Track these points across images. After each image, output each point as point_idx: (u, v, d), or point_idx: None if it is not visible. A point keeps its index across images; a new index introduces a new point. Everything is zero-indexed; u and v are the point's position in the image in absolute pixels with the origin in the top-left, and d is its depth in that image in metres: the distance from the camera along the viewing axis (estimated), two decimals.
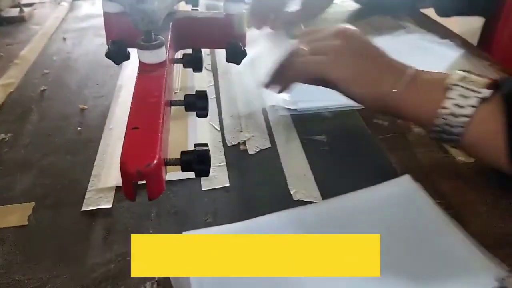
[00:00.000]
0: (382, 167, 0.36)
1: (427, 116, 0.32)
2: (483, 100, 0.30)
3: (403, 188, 0.32)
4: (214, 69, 0.53)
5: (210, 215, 0.32)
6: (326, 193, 0.33)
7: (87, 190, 0.34)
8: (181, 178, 0.35)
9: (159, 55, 0.33)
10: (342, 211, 0.31)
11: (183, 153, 0.28)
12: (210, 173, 0.35)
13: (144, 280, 0.27)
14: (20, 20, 0.70)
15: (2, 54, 0.59)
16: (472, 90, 0.31)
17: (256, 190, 0.34)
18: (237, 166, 0.37)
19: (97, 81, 0.51)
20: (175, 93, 0.49)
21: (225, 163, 0.37)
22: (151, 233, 0.31)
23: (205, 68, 0.53)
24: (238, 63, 0.44)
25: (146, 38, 0.33)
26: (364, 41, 0.37)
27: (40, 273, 0.28)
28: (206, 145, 0.28)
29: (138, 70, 0.34)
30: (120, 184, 0.34)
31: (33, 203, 0.33)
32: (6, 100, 0.48)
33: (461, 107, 0.30)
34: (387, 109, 0.35)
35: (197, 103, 0.34)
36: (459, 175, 0.35)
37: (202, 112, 0.35)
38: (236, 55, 0.44)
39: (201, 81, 0.51)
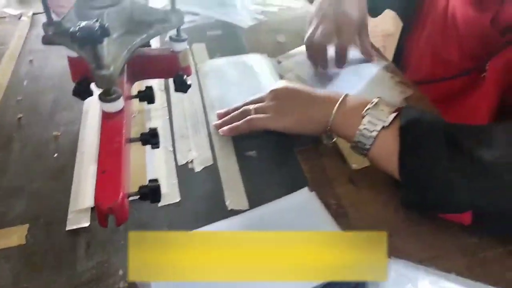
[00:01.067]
0: (296, 177, 0.47)
1: (350, 135, 0.44)
2: (384, 127, 0.42)
3: (302, 198, 0.44)
4: (167, 90, 0.62)
5: (166, 227, 0.43)
6: (254, 202, 0.44)
7: (69, 211, 0.44)
8: None
9: (117, 105, 0.43)
10: (257, 220, 0.42)
11: (140, 187, 0.38)
12: (165, 191, 0.46)
13: (119, 279, 0.38)
14: None
15: None
16: (378, 119, 0.42)
17: (202, 203, 0.45)
18: (186, 182, 0.47)
19: (65, 106, 0.59)
20: (133, 116, 0.58)
21: (177, 181, 0.47)
22: (122, 244, 0.41)
23: (159, 89, 0.62)
24: (184, 92, 0.54)
25: (106, 93, 0.42)
26: (295, 91, 0.50)
27: (43, 280, 0.38)
28: (156, 180, 0.39)
29: (102, 116, 0.43)
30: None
31: (27, 225, 0.43)
32: None
33: (370, 131, 0.42)
34: (326, 132, 0.47)
35: (150, 140, 0.44)
36: (352, 180, 0.47)
37: (155, 146, 0.45)
38: (182, 86, 0.53)
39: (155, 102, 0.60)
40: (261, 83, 0.63)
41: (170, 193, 0.46)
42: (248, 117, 0.51)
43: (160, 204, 0.45)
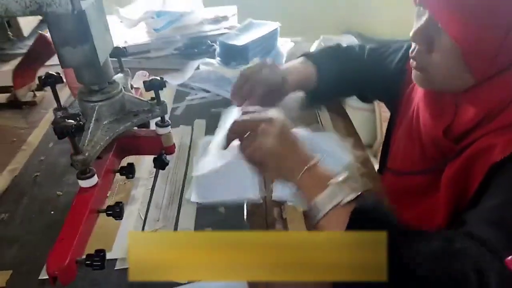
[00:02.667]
0: None
1: (308, 199, 0.48)
2: (338, 204, 0.45)
3: None
4: None
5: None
6: None
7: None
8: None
9: (91, 182, 0.53)
10: None
11: (87, 256, 0.47)
12: (124, 255, 0.55)
13: None
14: (32, 104, 0.92)
15: (15, 139, 0.81)
16: (336, 196, 0.45)
17: None
18: None
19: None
20: (116, 186, 0.68)
21: None
22: None
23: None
24: (162, 169, 0.64)
25: (83, 172, 0.52)
26: (281, 134, 0.53)
27: None
28: (102, 251, 0.47)
29: (78, 190, 0.53)
30: None
31: (11, 271, 0.53)
32: (10, 184, 0.69)
33: (325, 204, 0.46)
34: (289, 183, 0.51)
35: (113, 213, 0.53)
36: None
37: (118, 219, 0.54)
38: (161, 164, 0.63)
39: (145, 171, 0.71)
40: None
41: (124, 258, 0.54)
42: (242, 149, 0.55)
43: (116, 267, 0.53)
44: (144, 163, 0.72)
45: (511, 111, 0.53)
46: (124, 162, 0.62)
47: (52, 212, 0.63)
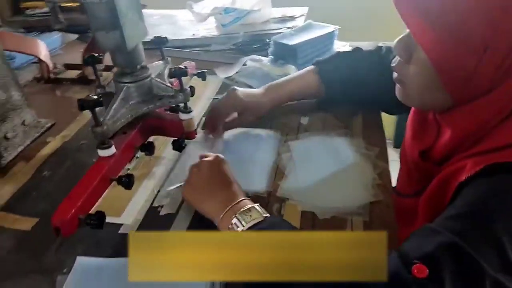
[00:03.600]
0: None
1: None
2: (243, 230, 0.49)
3: None
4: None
5: (111, 249, 0.56)
6: None
7: None
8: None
9: (108, 152, 0.60)
10: None
11: (88, 215, 0.53)
12: (129, 222, 0.61)
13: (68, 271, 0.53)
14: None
15: (74, 110, 0.93)
16: (241, 222, 0.50)
17: None
18: (148, 221, 0.61)
19: None
20: (136, 157, 0.74)
21: (141, 218, 0.61)
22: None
23: None
24: (179, 151, 0.69)
25: (101, 143, 0.59)
26: (214, 173, 0.59)
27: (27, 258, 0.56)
28: (101, 213, 0.53)
29: (97, 159, 0.61)
30: None
31: (38, 219, 0.62)
32: (59, 148, 0.80)
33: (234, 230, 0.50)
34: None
35: (122, 183, 0.59)
36: None
37: (127, 188, 0.60)
38: (178, 147, 0.68)
39: (170, 152, 0.76)
40: (260, 156, 0.74)
41: (129, 225, 0.60)
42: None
43: (120, 231, 0.59)
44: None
45: (492, 137, 0.49)
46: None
47: None
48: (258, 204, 0.53)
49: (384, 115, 0.85)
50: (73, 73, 1.09)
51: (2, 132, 0.77)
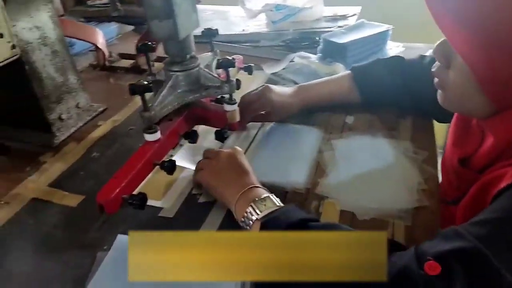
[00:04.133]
0: None
1: (239, 220, 0.53)
2: (257, 219, 0.50)
3: None
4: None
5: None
6: None
7: None
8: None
9: (153, 137, 0.61)
10: None
11: (131, 195, 0.55)
12: (167, 206, 0.62)
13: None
14: None
15: (126, 97, 0.96)
16: (256, 211, 0.51)
17: (182, 226, 0.59)
18: (186, 207, 0.62)
19: None
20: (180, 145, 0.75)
21: (180, 203, 0.63)
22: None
23: None
24: (221, 141, 0.70)
25: (148, 128, 0.61)
26: (232, 163, 0.60)
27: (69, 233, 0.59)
28: (143, 194, 0.55)
29: (143, 143, 0.62)
30: None
31: (84, 196, 0.65)
32: (109, 132, 0.83)
33: (249, 219, 0.51)
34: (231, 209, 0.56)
35: (165, 168, 0.61)
36: None
37: (169, 173, 0.61)
38: (220, 137, 0.69)
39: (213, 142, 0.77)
40: (300, 152, 0.73)
41: (168, 209, 0.62)
42: (194, 173, 0.64)
43: (159, 214, 0.61)
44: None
45: None
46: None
47: None
48: (273, 194, 0.54)
49: (436, 124, 0.82)
50: (127, 63, 1.14)
51: (57, 113, 0.81)
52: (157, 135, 0.62)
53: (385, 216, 0.57)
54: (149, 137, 0.61)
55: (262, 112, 0.79)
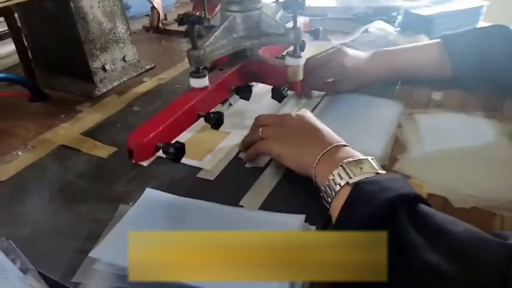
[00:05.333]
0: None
1: (320, 184, 0.42)
2: (348, 183, 0.38)
3: (287, 222, 0.41)
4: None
5: (183, 192, 0.48)
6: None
7: None
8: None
9: (200, 83, 0.51)
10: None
11: (166, 143, 0.45)
12: (209, 167, 0.52)
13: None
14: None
15: (176, 58, 0.88)
16: (347, 173, 0.38)
17: (224, 192, 0.48)
18: (231, 171, 0.51)
19: None
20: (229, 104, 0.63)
21: (224, 166, 0.52)
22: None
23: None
24: (279, 101, 0.58)
25: (195, 71, 0.51)
26: (304, 124, 0.48)
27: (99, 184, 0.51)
28: (180, 143, 0.45)
29: (188, 89, 0.53)
30: None
31: (116, 148, 0.57)
32: (154, 88, 0.75)
33: (335, 183, 0.39)
34: (310, 177, 0.44)
35: (210, 120, 0.50)
36: None
37: (214, 127, 0.51)
38: (278, 96, 0.57)
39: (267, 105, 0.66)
40: (374, 125, 0.60)
41: (211, 171, 0.51)
42: (254, 145, 0.51)
43: (198, 175, 0.51)
44: None
45: None
46: None
47: None
48: (373, 158, 0.41)
49: None
50: (182, 27, 1.06)
51: (101, 62, 0.74)
52: (204, 82, 0.52)
53: (489, 206, 0.43)
54: (195, 82, 0.51)
55: (329, 80, 0.67)
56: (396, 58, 0.68)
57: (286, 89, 0.57)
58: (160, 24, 1.06)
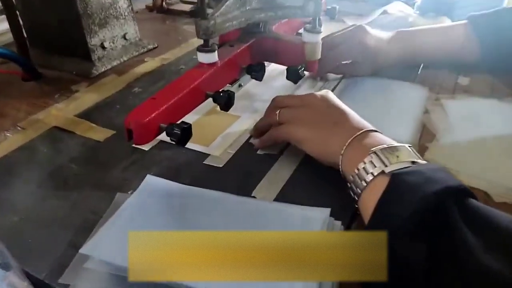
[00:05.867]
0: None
1: (349, 173, 0.36)
2: (383, 172, 0.32)
3: (311, 216, 0.36)
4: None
5: (188, 179, 0.43)
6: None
7: None
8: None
9: (208, 58, 0.46)
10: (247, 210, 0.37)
11: (169, 123, 0.40)
12: (218, 154, 0.47)
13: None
14: None
15: (180, 38, 0.82)
16: (382, 161, 0.33)
17: (234, 180, 0.43)
18: (241, 157, 0.46)
19: None
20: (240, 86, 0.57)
21: (233, 152, 0.47)
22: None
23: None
24: (294, 82, 0.53)
25: (204, 45, 0.46)
26: (330, 105, 0.43)
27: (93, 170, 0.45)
28: (187, 124, 0.39)
29: (196, 65, 0.47)
30: None
31: (115, 131, 0.51)
32: (156, 69, 0.69)
33: (367, 172, 0.33)
34: (335, 166, 0.39)
35: (219, 100, 0.45)
36: None
37: (223, 108, 0.45)
38: (293, 76, 0.52)
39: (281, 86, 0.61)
40: (399, 109, 0.55)
41: (220, 158, 0.46)
42: (271, 130, 0.46)
43: (205, 162, 0.46)
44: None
45: None
46: None
47: None
48: (402, 144, 0.35)
49: None
50: (187, 7, 1.00)
51: (100, 39, 0.68)
52: (213, 57, 0.46)
53: None
54: (203, 57, 0.46)
55: (346, 62, 0.62)
56: (421, 38, 0.63)
57: (302, 68, 0.52)
58: (164, 4, 1.00)
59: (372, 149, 0.34)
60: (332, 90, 0.60)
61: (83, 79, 0.66)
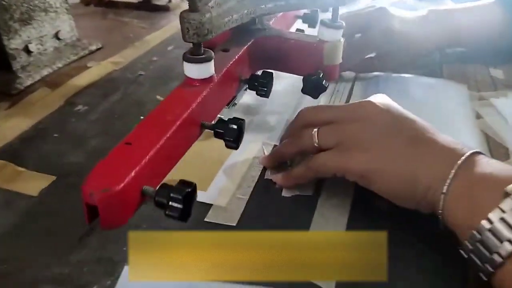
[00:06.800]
0: None
1: (466, 224, 0.23)
2: None
3: None
4: None
5: None
6: None
7: None
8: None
9: (202, 71, 0.31)
10: None
11: (162, 185, 0.24)
12: (224, 204, 0.32)
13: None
14: (164, 9, 0.76)
15: (131, 35, 0.65)
16: None
17: None
18: (259, 205, 0.32)
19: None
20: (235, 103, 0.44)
21: (246, 199, 0.32)
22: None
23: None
24: (315, 97, 0.39)
25: (194, 51, 0.30)
26: (394, 118, 0.30)
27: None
28: (191, 185, 0.24)
29: (182, 82, 0.32)
30: None
31: (54, 177, 0.34)
32: (105, 77, 0.52)
33: (501, 238, 0.21)
34: (426, 210, 0.27)
35: (226, 134, 0.30)
36: None
37: (231, 144, 0.31)
38: (312, 89, 0.38)
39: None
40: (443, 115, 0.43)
41: (228, 209, 0.31)
42: (306, 161, 0.32)
43: (206, 219, 0.31)
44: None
45: None
46: None
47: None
48: None
49: None
50: None
51: (23, 40, 0.49)
52: (209, 69, 0.31)
53: None
54: (194, 71, 0.31)
55: (368, 56, 0.50)
56: (459, 19, 0.51)
57: (323, 78, 0.38)
58: None
59: (507, 188, 0.22)
60: (349, 95, 0.47)
61: (1, 97, 0.47)
